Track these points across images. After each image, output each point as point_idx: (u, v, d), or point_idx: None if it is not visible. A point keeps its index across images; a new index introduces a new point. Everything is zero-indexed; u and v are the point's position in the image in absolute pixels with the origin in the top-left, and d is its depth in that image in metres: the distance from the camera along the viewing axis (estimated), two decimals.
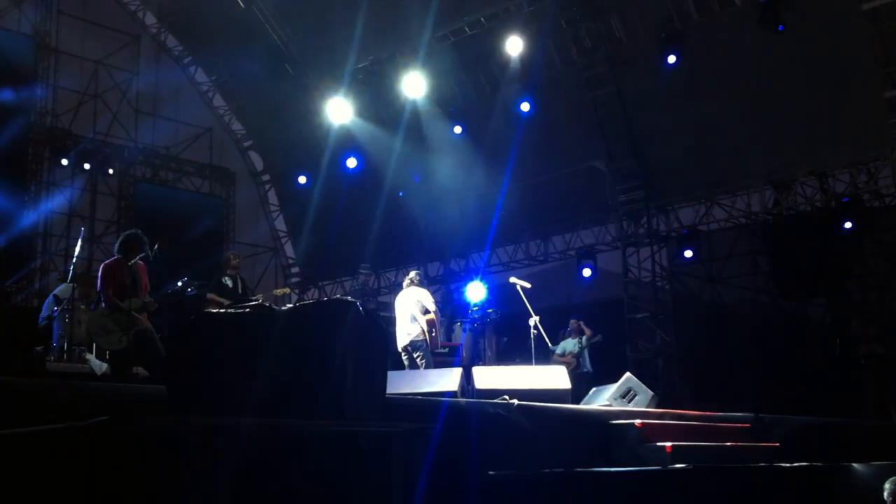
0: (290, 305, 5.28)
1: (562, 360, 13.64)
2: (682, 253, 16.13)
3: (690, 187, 16.37)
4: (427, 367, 10.78)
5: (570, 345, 14.04)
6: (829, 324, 14.86)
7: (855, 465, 7.30)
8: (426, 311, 11.04)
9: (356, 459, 4.06)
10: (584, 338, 13.99)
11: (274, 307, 4.67)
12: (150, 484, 3.44)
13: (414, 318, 11.01)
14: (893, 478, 6.31)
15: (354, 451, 4.06)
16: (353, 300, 4.60)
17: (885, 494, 6.26)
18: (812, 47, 14.03)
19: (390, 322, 11.42)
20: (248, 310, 4.50)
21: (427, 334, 10.95)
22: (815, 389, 13.60)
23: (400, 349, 11.05)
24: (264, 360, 4.19)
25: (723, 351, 14.89)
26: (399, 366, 11.00)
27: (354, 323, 4.38)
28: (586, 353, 13.95)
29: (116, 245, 8.83)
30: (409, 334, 11.00)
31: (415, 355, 10.93)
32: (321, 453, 3.99)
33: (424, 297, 11.24)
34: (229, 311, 4.84)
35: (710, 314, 16.10)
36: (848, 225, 14.07)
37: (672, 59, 14.63)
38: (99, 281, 8.65)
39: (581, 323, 14.23)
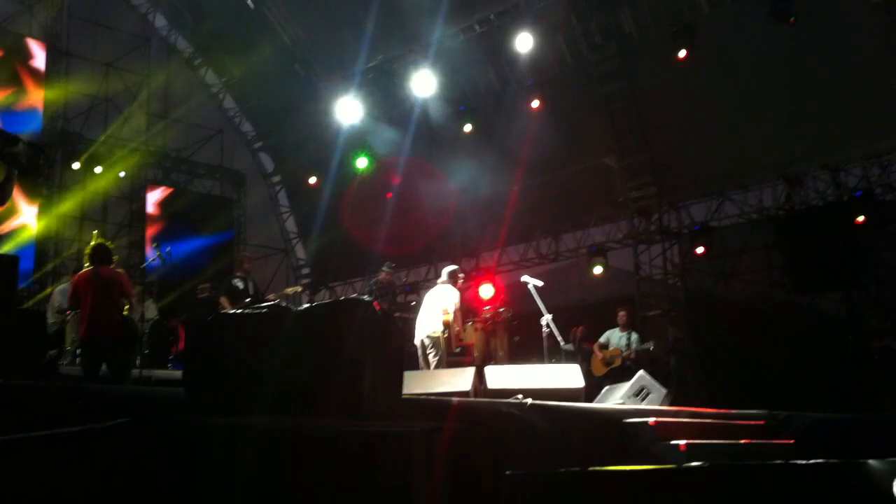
0: (307, 305, 5.29)
1: (602, 353, 13.26)
2: (694, 249, 16.09)
3: (702, 183, 16.32)
4: (439, 365, 10.79)
5: (615, 337, 13.44)
6: (843, 318, 14.80)
7: (871, 461, 7.25)
8: (446, 313, 11.04)
9: (374, 459, 4.07)
10: (634, 337, 13.40)
11: (290, 307, 4.68)
12: (170, 485, 3.46)
13: (435, 315, 11.01)
14: None
15: (373, 451, 4.07)
16: (369, 299, 4.62)
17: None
18: (824, 39, 13.98)
19: (405, 322, 11.42)
20: (264, 310, 4.52)
21: (442, 334, 10.95)
22: (829, 385, 13.54)
23: (416, 343, 11.06)
24: (282, 359, 4.21)
25: (736, 347, 14.83)
26: (413, 362, 10.99)
27: (371, 322, 4.39)
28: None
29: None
30: (427, 329, 11.01)
31: (429, 352, 10.94)
32: (339, 453, 4.00)
33: (448, 297, 11.22)
34: (246, 311, 4.86)
35: (722, 310, 16.04)
36: (861, 219, 14.02)
37: (683, 53, 14.58)
38: (128, 286, 9.01)
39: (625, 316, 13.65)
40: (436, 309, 11.08)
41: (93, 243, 9.40)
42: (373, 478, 4.07)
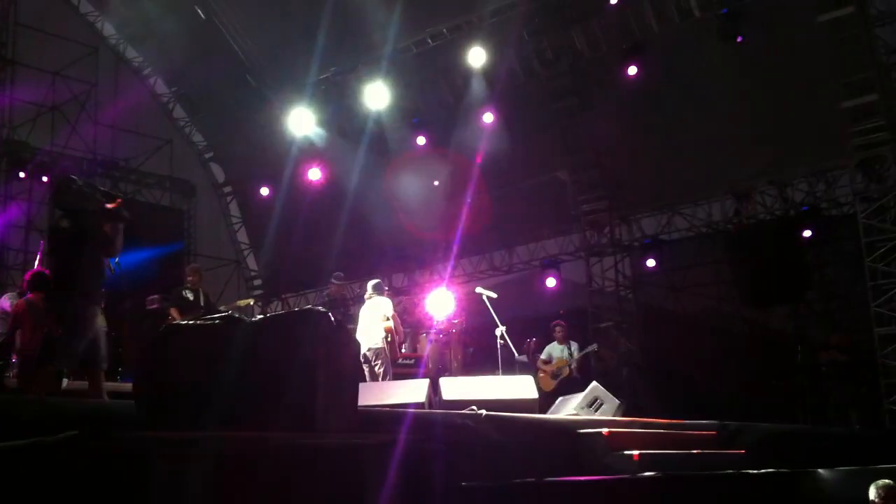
0: (260, 316, 5.23)
1: (547, 367, 13.29)
2: (645, 262, 16.27)
3: (652, 197, 16.51)
4: (385, 375, 10.76)
5: (557, 350, 13.43)
6: (791, 332, 15.04)
7: (820, 471, 7.38)
8: (386, 319, 11.02)
9: (328, 471, 4.02)
10: (574, 346, 13.42)
11: (244, 318, 4.61)
12: (118, 500, 3.38)
13: (374, 326, 10.99)
14: (880, 482, 6.34)
15: (326, 464, 4.02)
16: (325, 310, 4.57)
17: (872, 496, 6.30)
18: (771, 58, 14.24)
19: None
20: (217, 321, 4.45)
21: (385, 342, 10.92)
22: (778, 397, 13.73)
23: (361, 358, 11.01)
24: (235, 371, 4.14)
25: (686, 359, 15.00)
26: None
27: (326, 333, 4.35)
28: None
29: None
30: (368, 342, 10.96)
31: (374, 364, 10.89)
32: (292, 466, 3.95)
33: (384, 306, 11.21)
34: (198, 322, 4.78)
35: (673, 322, 16.24)
36: (807, 233, 14.29)
37: (633, 70, 14.76)
38: None
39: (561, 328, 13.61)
40: (374, 320, 11.06)
41: (31, 271, 9.42)
42: (326, 491, 4.03)
